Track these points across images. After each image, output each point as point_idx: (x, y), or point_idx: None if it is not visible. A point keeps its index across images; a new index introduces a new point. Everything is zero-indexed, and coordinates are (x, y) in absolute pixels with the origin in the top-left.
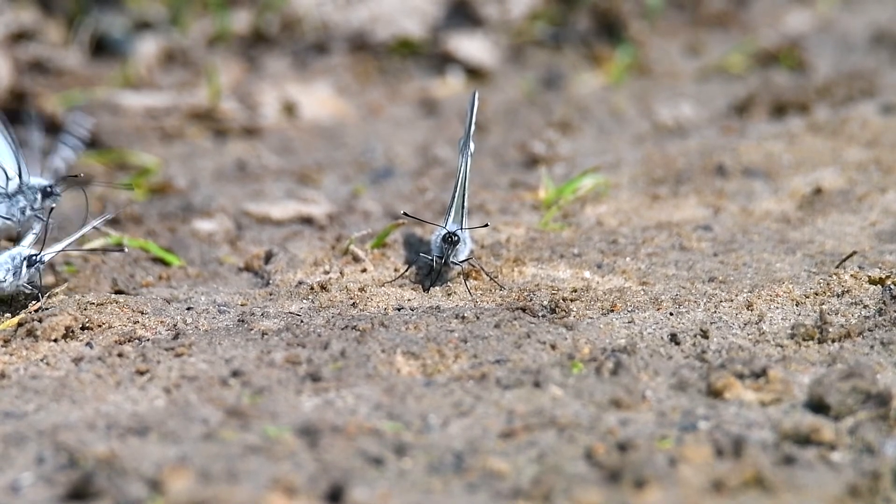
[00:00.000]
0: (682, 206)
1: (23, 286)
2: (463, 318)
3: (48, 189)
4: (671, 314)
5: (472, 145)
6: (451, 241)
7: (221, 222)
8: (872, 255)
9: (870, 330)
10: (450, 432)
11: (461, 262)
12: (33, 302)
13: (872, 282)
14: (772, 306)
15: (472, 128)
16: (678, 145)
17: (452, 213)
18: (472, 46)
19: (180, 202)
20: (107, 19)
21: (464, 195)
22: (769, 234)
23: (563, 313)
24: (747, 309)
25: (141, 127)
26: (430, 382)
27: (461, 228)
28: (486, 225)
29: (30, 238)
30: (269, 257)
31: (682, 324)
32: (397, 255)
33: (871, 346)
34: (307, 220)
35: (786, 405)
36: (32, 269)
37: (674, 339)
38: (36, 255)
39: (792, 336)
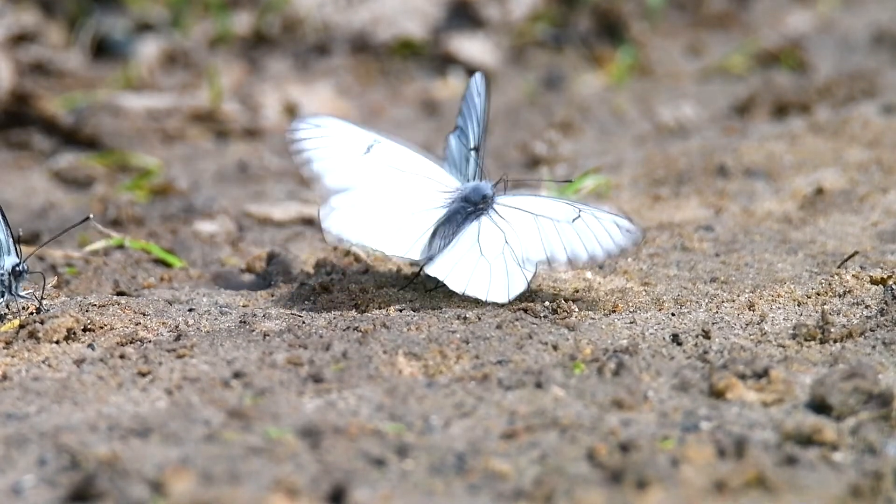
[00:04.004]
0: (683, 206)
1: (18, 295)
2: (465, 318)
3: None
4: (673, 314)
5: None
6: None
7: (223, 224)
8: (874, 256)
9: (871, 330)
10: (451, 433)
11: None
12: (33, 303)
13: (874, 282)
14: (773, 306)
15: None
16: (679, 146)
17: None
18: (473, 47)
19: (182, 204)
20: (108, 21)
21: None
22: (771, 234)
23: (565, 314)
24: (749, 309)
25: (142, 129)
26: (432, 383)
27: None
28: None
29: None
30: (270, 258)
31: (684, 324)
32: None
33: (873, 347)
34: (309, 222)
35: (788, 405)
36: (22, 278)
37: (676, 339)
38: (18, 265)
39: (794, 336)
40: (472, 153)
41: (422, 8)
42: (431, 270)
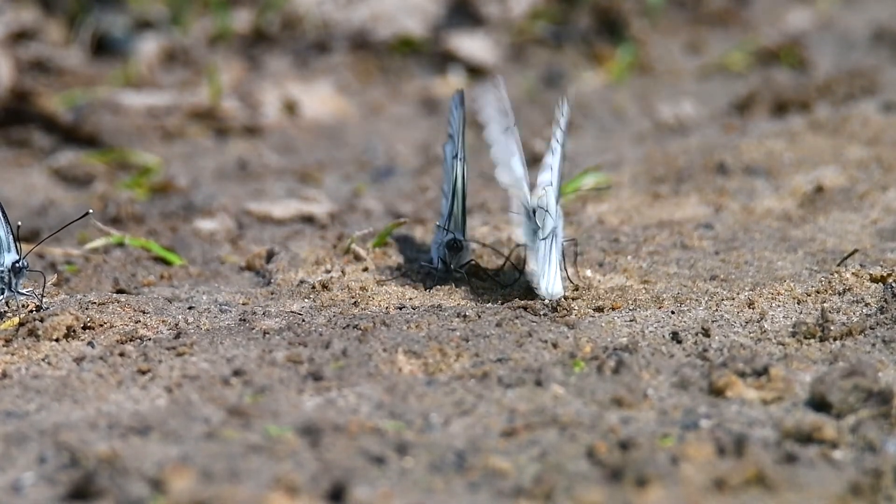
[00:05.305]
0: (683, 204)
1: (18, 293)
2: (464, 316)
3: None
4: (673, 312)
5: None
6: (455, 247)
7: (223, 221)
8: (874, 253)
9: (871, 328)
10: (451, 431)
11: (463, 265)
12: (33, 301)
13: (874, 280)
14: (773, 304)
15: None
16: (679, 143)
17: (452, 221)
18: (473, 45)
19: (181, 201)
20: (108, 18)
21: (463, 203)
22: (770, 232)
23: (565, 312)
24: (749, 307)
25: (142, 126)
26: (432, 381)
27: (464, 234)
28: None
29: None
30: (270, 256)
31: (684, 322)
32: (399, 253)
33: (873, 344)
34: (308, 219)
35: (787, 403)
36: (22, 275)
37: (675, 337)
38: (18, 261)
39: (793, 334)
40: (458, 161)
41: (422, 5)
42: None
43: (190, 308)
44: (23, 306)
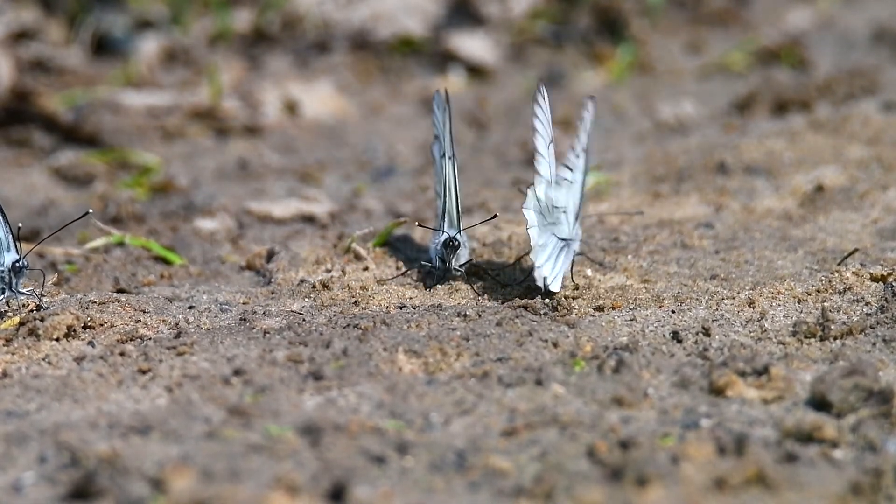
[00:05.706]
0: (683, 203)
1: (18, 292)
2: (465, 316)
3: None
4: (673, 312)
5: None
6: (452, 245)
7: (223, 221)
8: (874, 253)
9: (871, 327)
10: (452, 431)
11: (463, 265)
12: (33, 300)
13: (874, 279)
14: (773, 304)
15: (451, 132)
16: (679, 143)
17: (447, 219)
18: (473, 45)
19: (182, 201)
20: (108, 18)
21: (456, 200)
22: (771, 231)
23: (565, 311)
24: (749, 306)
25: (142, 126)
26: (432, 381)
27: (460, 231)
28: (495, 216)
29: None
30: (270, 256)
31: (684, 321)
32: (399, 253)
33: (873, 344)
34: (309, 219)
35: (788, 403)
36: (22, 275)
37: (676, 336)
38: (18, 261)
39: (794, 333)
40: (446, 160)
41: (422, 5)
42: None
43: (190, 307)
44: (23, 306)
